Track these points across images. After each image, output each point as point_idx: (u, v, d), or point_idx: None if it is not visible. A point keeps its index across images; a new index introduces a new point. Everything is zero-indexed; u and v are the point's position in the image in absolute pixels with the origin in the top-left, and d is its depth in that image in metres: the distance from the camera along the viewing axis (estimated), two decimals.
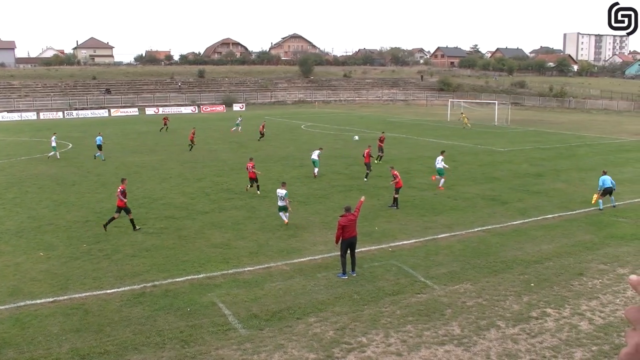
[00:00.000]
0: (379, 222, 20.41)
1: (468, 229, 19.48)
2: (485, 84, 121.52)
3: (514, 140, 46.55)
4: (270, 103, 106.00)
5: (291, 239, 18.31)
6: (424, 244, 17.70)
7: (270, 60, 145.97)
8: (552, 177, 29.51)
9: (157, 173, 30.91)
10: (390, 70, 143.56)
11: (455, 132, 54.14)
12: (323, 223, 20.19)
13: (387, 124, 64.28)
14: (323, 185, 27.21)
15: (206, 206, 22.93)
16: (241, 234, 18.89)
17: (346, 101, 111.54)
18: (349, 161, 35.10)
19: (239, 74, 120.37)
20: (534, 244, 17.73)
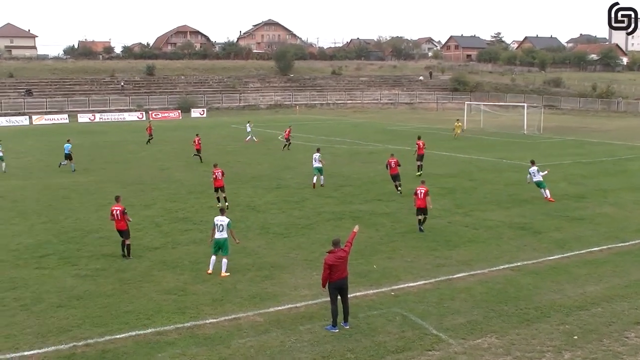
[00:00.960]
0: (378, 258, 20.35)
1: (492, 266, 19.49)
2: (511, 82, 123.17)
3: (548, 153, 47.03)
4: (239, 108, 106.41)
5: (266, 281, 18.18)
6: (435, 287, 17.66)
7: (239, 53, 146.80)
8: (597, 199, 29.77)
9: (93, 198, 30.66)
10: (390, 65, 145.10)
11: (474, 142, 54.58)
12: (306, 261, 20.10)
13: (386, 133, 64.68)
14: (306, 213, 27.16)
15: (156, 240, 22.74)
16: (201, 275, 18.72)
17: (335, 105, 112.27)
18: (339, 181, 35.13)
19: (198, 71, 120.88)
20: (576, 284, 17.76)
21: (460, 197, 30.27)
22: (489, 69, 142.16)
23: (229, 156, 45.98)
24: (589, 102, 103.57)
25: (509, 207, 28.15)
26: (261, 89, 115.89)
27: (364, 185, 33.61)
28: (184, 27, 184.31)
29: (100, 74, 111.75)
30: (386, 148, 50.24)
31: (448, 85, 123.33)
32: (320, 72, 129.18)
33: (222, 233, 18.94)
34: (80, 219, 26.19)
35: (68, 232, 23.95)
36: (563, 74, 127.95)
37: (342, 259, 14.70)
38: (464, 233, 23.58)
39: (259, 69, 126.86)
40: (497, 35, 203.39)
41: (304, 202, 29.27)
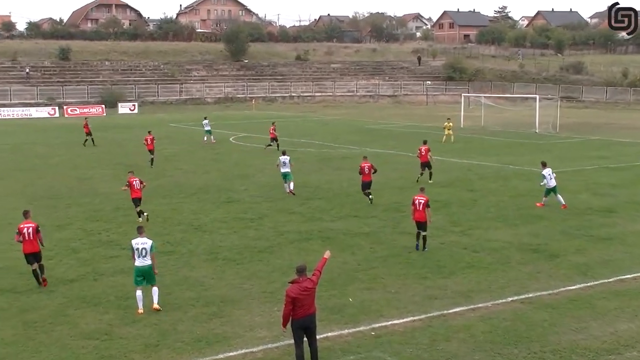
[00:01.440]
0: (355, 289, 20.33)
1: (497, 298, 19.55)
2: (520, 68, 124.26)
3: (566, 157, 47.63)
4: (180, 102, 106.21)
5: (214, 320, 18.06)
6: (426, 324, 17.66)
7: (180, 33, 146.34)
8: (629, 214, 30.08)
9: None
10: (369, 49, 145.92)
11: (473, 144, 55.00)
12: (265, 293, 20.02)
13: (364, 133, 64.93)
14: (265, 233, 27.10)
15: (72, 270, 22.48)
16: (131, 314, 18.52)
17: (301, 98, 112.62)
18: (305, 193, 35.12)
19: (127, 55, 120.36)
20: (604, 321, 17.84)
21: (456, 212, 30.46)
22: (492, 52, 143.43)
23: (167, 163, 45.69)
24: (618, 93, 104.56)
25: (518, 224, 28.35)
26: (208, 79, 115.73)
27: (336, 198, 33.63)
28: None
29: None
30: (364, 152, 50.43)
31: (441, 73, 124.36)
32: (281, 58, 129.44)
33: (145, 259, 18.85)
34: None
35: None
36: (585, 58, 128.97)
37: (308, 290, 14.60)
38: (462, 257, 23.65)
39: (204, 53, 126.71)
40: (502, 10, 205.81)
41: (262, 220, 29.20)
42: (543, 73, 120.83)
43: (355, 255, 23.98)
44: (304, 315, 14.57)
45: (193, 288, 20.50)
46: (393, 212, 30.49)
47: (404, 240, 25.59)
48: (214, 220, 29.35)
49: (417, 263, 22.93)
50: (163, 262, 23.24)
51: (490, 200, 33.15)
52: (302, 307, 14.52)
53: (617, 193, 34.64)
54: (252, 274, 21.91)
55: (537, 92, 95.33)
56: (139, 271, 18.78)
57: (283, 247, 25.05)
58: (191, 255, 23.98)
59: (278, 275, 21.60)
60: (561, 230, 27.21)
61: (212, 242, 25.72)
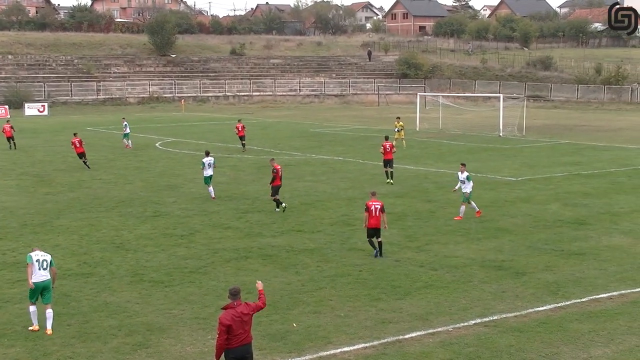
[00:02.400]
0: (300, 313, 20.38)
1: (458, 321, 19.67)
2: (482, 64, 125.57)
3: (534, 163, 48.33)
4: (98, 102, 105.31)
5: (138, 350, 17.97)
6: (380, 352, 17.75)
7: (96, 23, 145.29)
8: (604, 226, 30.46)
9: None
10: (314, 42, 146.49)
11: (430, 149, 55.47)
12: (197, 319, 19.97)
13: (309, 137, 65.03)
14: (197, 251, 27.01)
15: None
16: (42, 346, 18.31)
17: (237, 98, 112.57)
18: (243, 205, 35.13)
19: (35, 47, 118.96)
20: (577, 346, 18.06)
21: (412, 225, 30.67)
22: (451, 46, 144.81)
23: (83, 172, 45.20)
24: (590, 91, 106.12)
25: (481, 238, 28.63)
26: (129, 75, 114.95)
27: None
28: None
29: None
30: (309, 158, 50.59)
31: (394, 69, 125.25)
32: (214, 52, 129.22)
33: (45, 273, 19.15)
34: None
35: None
36: (554, 52, 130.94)
37: (244, 316, 14.49)
38: (419, 275, 23.77)
39: (125, 46, 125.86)
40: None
41: (193, 236, 29.11)
42: (507, 69, 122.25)
43: (300, 274, 24.00)
44: (239, 345, 14.43)
45: (114, 315, 20.29)
46: (342, 225, 30.60)
47: (354, 258, 25.72)
48: (139, 237, 29.11)
49: (368, 283, 23.03)
50: (79, 285, 23.08)
51: (449, 211, 33.32)
52: (237, 336, 14.36)
53: (590, 203, 35.11)
54: (183, 298, 21.81)
55: (501, 90, 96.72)
56: (37, 287, 18.94)
57: (218, 267, 24.96)
58: (112, 277, 23.77)
59: (212, 298, 21.54)
60: (528, 244, 27.48)
61: (136, 262, 25.52)
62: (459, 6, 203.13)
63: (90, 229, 30.40)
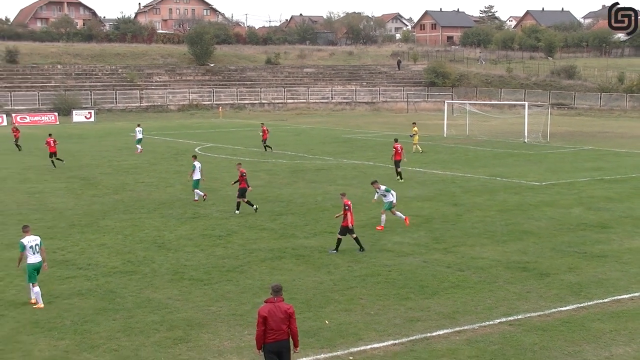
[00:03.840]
0: (332, 311, 20.40)
1: (483, 320, 19.64)
2: (508, 73, 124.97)
3: (557, 168, 48.04)
4: (141, 109, 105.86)
5: (179, 345, 18.08)
6: (409, 348, 17.74)
7: (139, 34, 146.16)
8: (626, 230, 30.27)
9: None
10: (345, 52, 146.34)
11: (457, 155, 55.29)
12: (235, 316, 20.04)
13: (340, 143, 65.00)
14: (234, 251, 27.12)
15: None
16: (89, 339, 18.49)
17: (272, 105, 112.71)
18: (278, 207, 35.23)
19: (82, 57, 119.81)
20: (599, 345, 17.96)
21: (439, 228, 30.60)
22: (477, 55, 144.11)
23: (127, 175, 45.54)
24: (613, 99, 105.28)
25: (506, 240, 28.51)
26: (170, 84, 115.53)
27: (311, 213, 33.74)
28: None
29: None
30: (340, 163, 50.63)
31: (422, 78, 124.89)
32: (250, 61, 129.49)
33: (37, 255, 20.86)
34: None
35: None
36: (578, 61, 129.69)
37: (282, 313, 14.45)
38: (446, 276, 23.74)
39: (166, 56, 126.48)
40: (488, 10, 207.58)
41: (231, 237, 29.22)
42: (532, 78, 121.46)
43: (332, 274, 24.03)
44: (275, 340, 14.40)
45: (157, 311, 20.45)
46: (371, 227, 30.57)
47: (384, 258, 25.73)
48: (179, 237, 29.29)
49: (397, 282, 23.02)
50: (124, 282, 23.29)
51: (476, 215, 33.28)
52: (274, 331, 14.34)
53: (613, 207, 34.86)
54: (221, 296, 21.90)
55: (526, 98, 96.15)
56: (33, 268, 20.70)
57: (253, 266, 25.06)
58: (154, 276, 23.96)
59: (248, 296, 21.62)
60: (552, 247, 27.36)
61: (177, 261, 25.69)
62: (485, 17, 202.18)
63: (134, 229, 30.66)
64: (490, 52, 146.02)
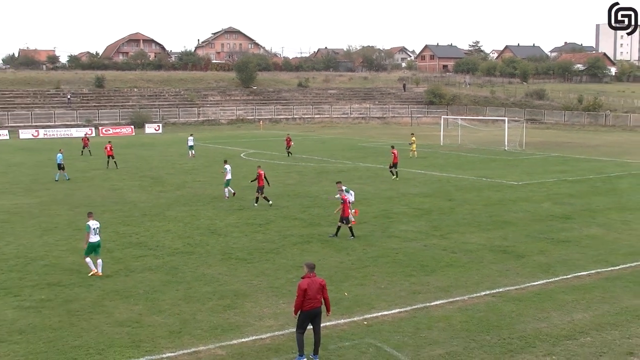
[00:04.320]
0: (350, 285, 20.42)
1: (472, 292, 19.64)
2: (491, 94, 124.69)
3: (531, 171, 47.70)
4: (198, 123, 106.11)
5: (228, 311, 18.12)
6: (411, 315, 17.75)
7: (197, 64, 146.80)
8: (584, 220, 30.17)
9: (37, 222, 30.29)
10: (361, 77, 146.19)
11: (451, 159, 55.13)
12: (272, 288, 20.08)
13: (357, 150, 65.00)
14: (271, 236, 27.16)
15: (107, 267, 22.51)
16: (157, 305, 18.60)
17: (302, 119, 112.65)
18: (306, 202, 35.24)
19: (153, 82, 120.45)
20: (563, 312, 17.96)
21: (436, 219, 30.50)
22: (467, 80, 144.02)
23: (187, 175, 45.78)
24: (575, 116, 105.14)
25: (490, 229, 28.43)
26: (221, 103, 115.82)
27: (333, 207, 33.55)
28: (136, 34, 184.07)
29: (44, 86, 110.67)
30: (357, 166, 50.57)
31: (423, 98, 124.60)
32: (285, 84, 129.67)
33: (97, 236, 21.65)
34: (23, 245, 25.82)
35: (9, 259, 23.60)
36: (546, 86, 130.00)
37: (318, 285, 14.69)
38: (442, 257, 23.74)
39: (218, 80, 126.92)
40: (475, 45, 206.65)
41: (269, 225, 29.27)
42: (511, 98, 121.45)
43: (350, 255, 24.04)
44: (311, 308, 14.62)
45: (210, 283, 20.57)
46: (382, 218, 30.55)
47: (392, 243, 25.69)
48: (228, 225, 29.39)
49: (403, 262, 23.00)
50: (184, 260, 23.40)
51: (466, 208, 33.19)
52: (311, 300, 14.56)
53: (574, 202, 34.68)
54: (261, 272, 21.96)
55: (506, 114, 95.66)
56: (93, 245, 21.53)
57: (287, 249, 25.11)
58: (208, 255, 24.05)
59: (283, 272, 21.70)
60: (527, 234, 27.26)
61: (226, 244, 25.79)
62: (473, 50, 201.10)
63: (192, 218, 30.77)
64: (477, 78, 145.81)
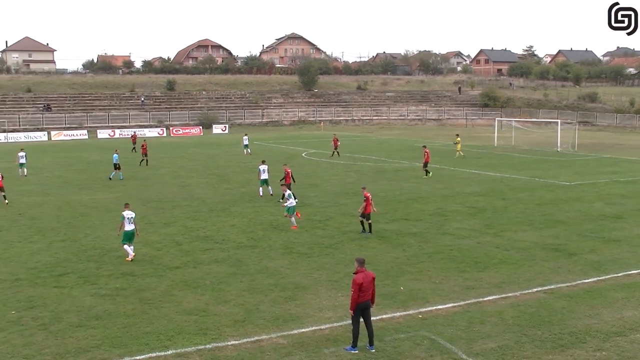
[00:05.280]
0: (405, 279, 20.35)
1: (524, 289, 19.40)
2: (544, 97, 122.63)
3: (583, 172, 46.71)
4: (262, 124, 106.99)
5: (289, 302, 18.25)
6: (465, 310, 17.62)
7: (262, 68, 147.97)
8: (636, 220, 29.48)
9: (112, 216, 30.96)
10: (418, 80, 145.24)
11: (505, 160, 54.35)
12: (331, 282, 20.13)
13: (413, 150, 64.55)
14: (331, 232, 27.22)
15: (177, 259, 22.92)
16: (223, 296, 18.84)
17: (361, 121, 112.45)
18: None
19: (220, 85, 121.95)
20: (613, 309, 17.62)
21: (490, 217, 30.14)
22: (521, 83, 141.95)
23: (251, 173, 46.06)
24: (627, 118, 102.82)
25: (542, 227, 27.96)
26: (284, 105, 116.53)
27: (390, 204, 33.58)
28: (205, 41, 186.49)
29: (120, 89, 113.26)
30: (414, 166, 50.25)
31: (478, 100, 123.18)
32: (345, 87, 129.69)
33: (131, 225, 22.67)
34: (99, 237, 26.48)
35: (87, 250, 24.24)
36: (599, 89, 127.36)
37: (370, 278, 14.83)
38: (495, 254, 23.47)
39: (282, 84, 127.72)
40: (529, 49, 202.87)
41: (328, 221, 29.33)
42: (564, 101, 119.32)
43: (406, 251, 23.95)
44: (364, 299, 14.74)
45: (272, 276, 20.74)
46: (437, 216, 30.31)
47: (447, 240, 25.50)
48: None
49: (457, 259, 22.82)
50: (247, 254, 23.63)
51: (519, 207, 32.72)
52: (365, 293, 14.70)
53: (626, 202, 33.87)
54: (320, 266, 22.04)
55: (559, 117, 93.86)
56: (127, 233, 22.64)
57: (345, 244, 25.12)
58: (271, 249, 24.24)
59: (341, 267, 21.72)
60: (578, 233, 26.75)
61: (287, 239, 25.93)
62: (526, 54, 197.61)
63: (256, 214, 31.03)
64: (530, 81, 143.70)
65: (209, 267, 21.91)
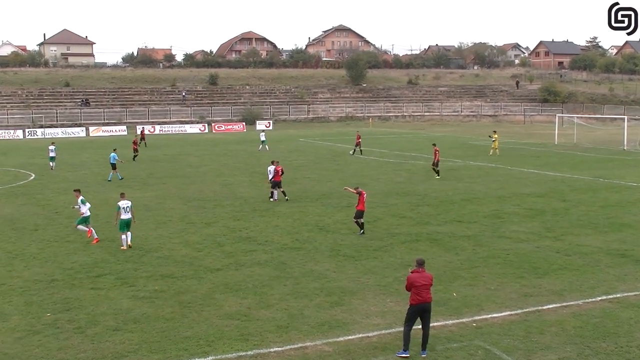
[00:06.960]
0: (459, 285, 20.13)
1: (587, 297, 19.02)
2: (610, 92, 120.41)
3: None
4: (307, 120, 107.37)
5: (335, 307, 18.19)
6: (522, 318, 17.34)
7: (308, 61, 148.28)
8: None
9: (152, 215, 31.35)
10: (472, 74, 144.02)
11: (566, 159, 53.47)
12: (379, 286, 20.02)
13: (468, 148, 64.02)
14: (379, 234, 27.08)
15: (218, 261, 23.05)
16: (266, 300, 18.87)
17: (412, 117, 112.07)
18: (415, 200, 34.92)
19: (264, 80, 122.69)
20: None
21: (550, 220, 29.63)
22: (584, 77, 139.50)
23: (296, 172, 46.25)
24: None
25: (607, 231, 27.37)
26: (331, 100, 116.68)
27: (442, 205, 33.30)
28: (249, 33, 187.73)
29: (161, 83, 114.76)
30: (467, 164, 49.79)
31: (537, 95, 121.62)
32: (395, 82, 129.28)
33: (127, 214, 24.57)
34: (138, 237, 26.72)
35: (125, 250, 24.54)
36: None
37: (426, 279, 14.98)
38: (555, 259, 23.05)
39: (328, 78, 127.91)
40: (593, 40, 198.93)
41: (377, 223, 29.18)
42: (631, 96, 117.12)
43: (459, 255, 23.71)
44: (421, 302, 14.86)
45: (317, 280, 20.70)
46: (493, 218, 29.93)
47: (503, 244, 25.15)
48: (336, 222, 29.49)
49: (514, 264, 22.49)
50: (292, 256, 23.65)
51: (581, 209, 32.10)
52: (421, 294, 14.81)
53: None
54: (368, 270, 21.94)
55: (626, 113, 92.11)
56: (124, 222, 24.45)
57: (395, 247, 24.98)
58: (316, 252, 24.21)
59: (391, 271, 21.59)
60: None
61: (334, 241, 25.87)
62: (590, 46, 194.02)
63: (300, 214, 31.05)
64: (594, 75, 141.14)
65: (251, 270, 21.97)
